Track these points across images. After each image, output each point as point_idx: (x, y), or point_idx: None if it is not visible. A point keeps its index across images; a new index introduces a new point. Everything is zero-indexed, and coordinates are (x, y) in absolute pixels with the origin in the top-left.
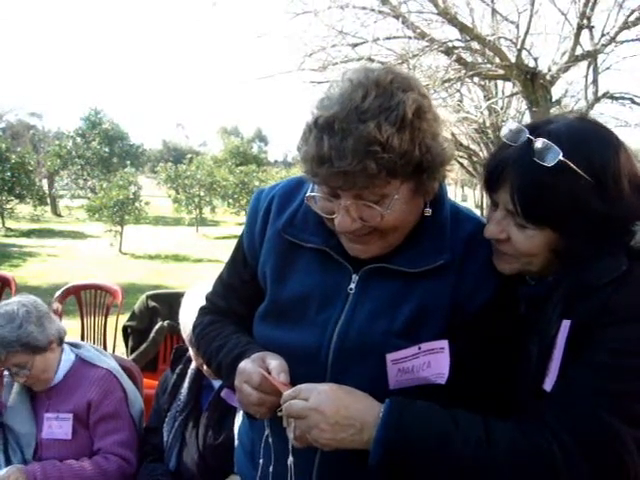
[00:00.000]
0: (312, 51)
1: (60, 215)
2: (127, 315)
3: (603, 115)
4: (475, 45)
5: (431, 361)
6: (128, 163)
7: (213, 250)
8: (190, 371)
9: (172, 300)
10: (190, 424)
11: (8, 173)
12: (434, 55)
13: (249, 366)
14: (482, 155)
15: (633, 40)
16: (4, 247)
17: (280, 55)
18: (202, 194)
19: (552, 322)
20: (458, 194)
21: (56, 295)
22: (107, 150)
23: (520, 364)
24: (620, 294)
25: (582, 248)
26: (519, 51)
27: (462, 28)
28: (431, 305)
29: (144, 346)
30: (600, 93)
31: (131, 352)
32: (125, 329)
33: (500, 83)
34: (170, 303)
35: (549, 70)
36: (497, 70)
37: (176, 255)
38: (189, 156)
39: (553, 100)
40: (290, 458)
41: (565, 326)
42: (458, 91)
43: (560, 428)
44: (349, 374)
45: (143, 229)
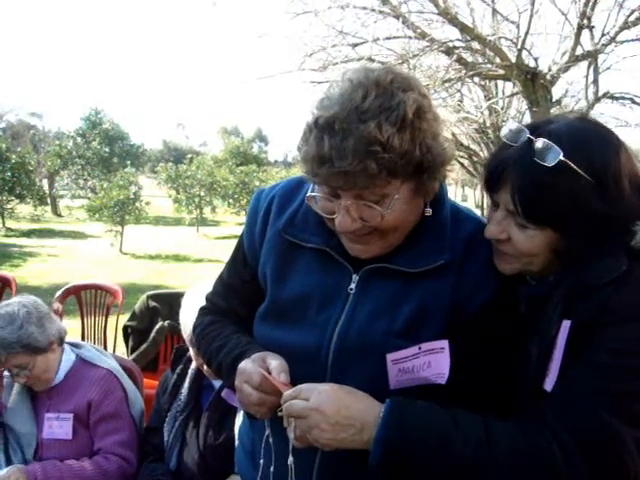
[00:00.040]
0: (312, 51)
1: (60, 215)
2: (127, 315)
3: (603, 115)
4: (475, 45)
5: (431, 361)
6: (128, 163)
7: (213, 250)
8: (190, 371)
9: (172, 300)
10: (190, 424)
11: (8, 173)
12: (434, 55)
13: (249, 366)
14: (482, 155)
15: (633, 40)
16: (4, 247)
17: (280, 55)
18: (202, 194)
19: (552, 322)
20: (458, 194)
21: (56, 295)
22: (107, 150)
23: (520, 364)
24: (620, 294)
25: (582, 248)
26: (519, 51)
27: (462, 28)
28: (431, 305)
29: (144, 346)
30: (600, 93)
31: (131, 352)
32: (125, 329)
33: (500, 83)
34: (170, 303)
35: (549, 70)
36: (497, 70)
37: (176, 255)
38: (189, 156)
39: (553, 100)
40: (290, 458)
41: (565, 326)
42: (458, 91)
43: (560, 428)
44: (349, 374)
45: (143, 229)
